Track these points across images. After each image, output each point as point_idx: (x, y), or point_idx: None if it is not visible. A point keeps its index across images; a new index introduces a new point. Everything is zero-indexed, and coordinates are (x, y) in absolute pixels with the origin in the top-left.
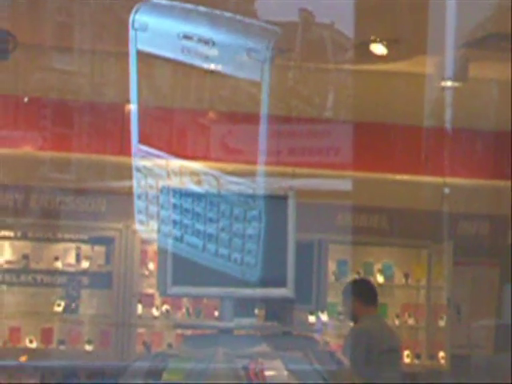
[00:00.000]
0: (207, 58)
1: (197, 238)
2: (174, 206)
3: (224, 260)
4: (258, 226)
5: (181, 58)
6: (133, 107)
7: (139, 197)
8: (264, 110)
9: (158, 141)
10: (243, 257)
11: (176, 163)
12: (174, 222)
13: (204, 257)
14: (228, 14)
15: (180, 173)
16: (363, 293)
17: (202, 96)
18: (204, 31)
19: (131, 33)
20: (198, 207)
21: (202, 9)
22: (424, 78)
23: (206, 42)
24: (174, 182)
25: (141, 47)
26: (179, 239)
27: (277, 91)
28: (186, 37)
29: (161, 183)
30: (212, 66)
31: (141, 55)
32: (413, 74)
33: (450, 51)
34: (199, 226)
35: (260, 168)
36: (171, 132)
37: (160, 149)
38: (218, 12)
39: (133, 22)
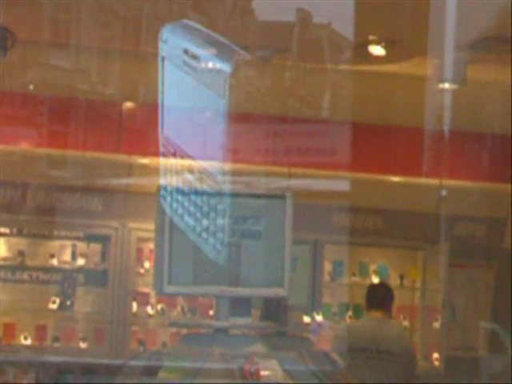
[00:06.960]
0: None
1: (193, 220)
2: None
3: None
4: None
5: (183, 70)
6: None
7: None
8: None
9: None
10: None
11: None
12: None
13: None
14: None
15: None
16: (365, 296)
17: None
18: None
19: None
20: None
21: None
22: (423, 80)
23: (194, 56)
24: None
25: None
26: (180, 216)
27: (274, 91)
28: (186, 51)
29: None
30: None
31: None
32: (411, 75)
33: (450, 53)
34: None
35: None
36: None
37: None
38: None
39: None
